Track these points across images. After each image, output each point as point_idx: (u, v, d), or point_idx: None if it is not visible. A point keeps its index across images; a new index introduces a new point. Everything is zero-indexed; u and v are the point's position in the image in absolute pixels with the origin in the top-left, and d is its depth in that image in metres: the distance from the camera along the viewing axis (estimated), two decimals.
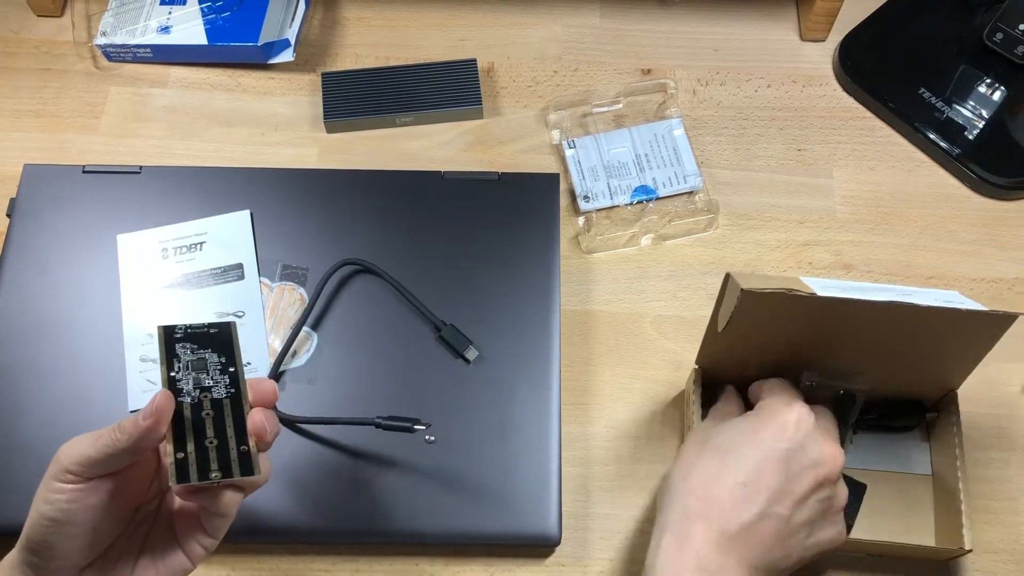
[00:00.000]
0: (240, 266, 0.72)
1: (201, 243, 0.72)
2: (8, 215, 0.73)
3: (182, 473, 0.46)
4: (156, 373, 0.68)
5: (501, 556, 0.66)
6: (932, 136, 0.81)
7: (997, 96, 0.82)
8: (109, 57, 0.85)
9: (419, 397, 0.68)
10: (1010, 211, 0.80)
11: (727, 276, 0.57)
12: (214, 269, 0.72)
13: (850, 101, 0.85)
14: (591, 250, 0.77)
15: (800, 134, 0.83)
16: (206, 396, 0.49)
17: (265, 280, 0.72)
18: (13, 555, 0.48)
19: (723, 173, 0.81)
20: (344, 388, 0.68)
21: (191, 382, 0.50)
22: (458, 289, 0.71)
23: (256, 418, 0.49)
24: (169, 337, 0.51)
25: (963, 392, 0.71)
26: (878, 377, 0.65)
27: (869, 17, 0.87)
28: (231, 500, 0.48)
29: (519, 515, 0.64)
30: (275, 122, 0.83)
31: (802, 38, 0.88)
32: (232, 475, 0.47)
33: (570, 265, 0.76)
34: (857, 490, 0.67)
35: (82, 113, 0.83)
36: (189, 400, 0.49)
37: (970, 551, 0.62)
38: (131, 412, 0.67)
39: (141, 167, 0.75)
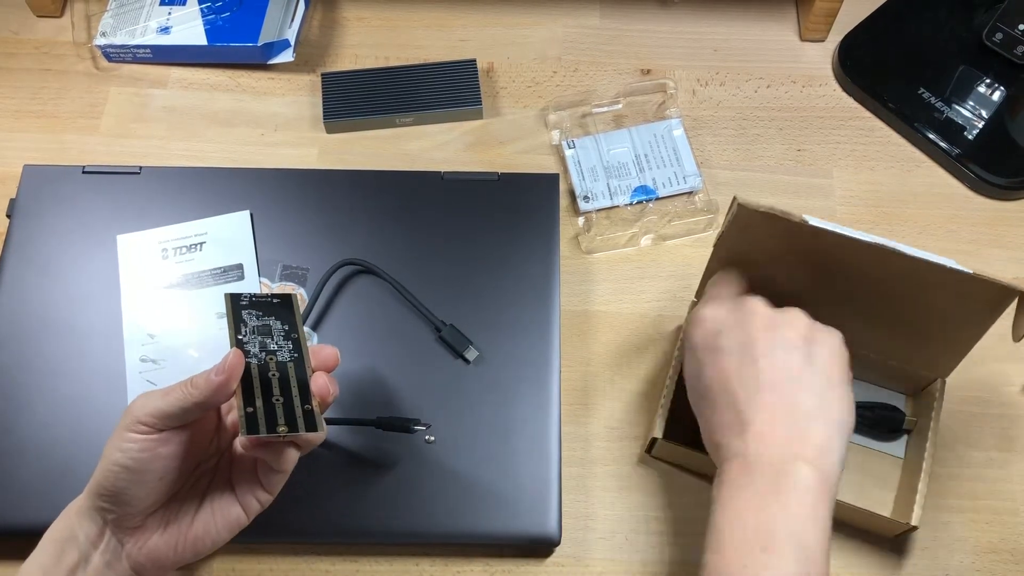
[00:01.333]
0: (240, 266, 0.72)
1: (201, 243, 0.72)
2: (8, 215, 0.73)
3: (252, 425, 0.49)
4: (156, 374, 0.68)
5: (501, 556, 0.66)
6: (932, 136, 0.81)
7: (997, 96, 0.82)
8: (109, 58, 0.85)
9: (419, 397, 0.68)
10: (1010, 211, 0.80)
11: (734, 198, 0.59)
12: (214, 269, 0.72)
13: (850, 101, 0.85)
14: (591, 250, 0.77)
15: (800, 134, 0.83)
16: (271, 359, 0.53)
17: (265, 280, 0.72)
18: (81, 501, 0.52)
19: (723, 173, 0.81)
20: (344, 388, 0.68)
21: (257, 345, 0.53)
22: (458, 289, 0.71)
23: (319, 380, 0.53)
24: (235, 304, 0.55)
25: (963, 393, 0.71)
26: (866, 342, 0.66)
27: (869, 17, 0.87)
28: (291, 456, 0.52)
29: (519, 515, 0.64)
30: (275, 122, 0.83)
31: (802, 38, 0.88)
32: (298, 430, 0.49)
33: (570, 265, 0.76)
34: None
35: (82, 113, 0.83)
36: (256, 361, 0.52)
37: (916, 528, 0.62)
38: None
39: (141, 167, 0.75)
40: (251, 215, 0.73)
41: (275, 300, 0.56)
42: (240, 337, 0.53)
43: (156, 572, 0.53)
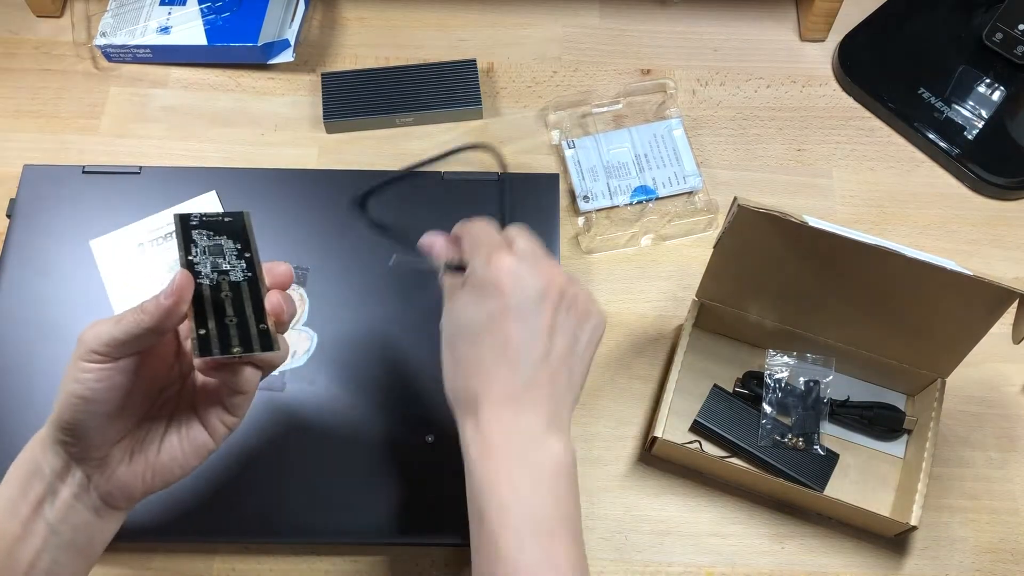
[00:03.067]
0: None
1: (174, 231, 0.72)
2: (8, 215, 0.73)
3: (204, 347, 0.48)
4: None
5: None
6: (932, 136, 0.81)
7: (996, 96, 0.82)
8: (109, 57, 0.85)
9: (419, 397, 0.67)
10: (1010, 211, 0.80)
11: (734, 199, 0.59)
12: None
13: (850, 101, 0.85)
14: (591, 250, 0.77)
15: (800, 134, 0.83)
16: (224, 279, 0.51)
17: None
18: (44, 433, 0.50)
19: (723, 173, 0.81)
20: (344, 388, 0.68)
21: (209, 265, 0.51)
22: None
23: (274, 299, 0.51)
24: (185, 224, 0.53)
25: (963, 393, 0.71)
26: (866, 342, 0.66)
27: (868, 17, 0.87)
28: (251, 376, 0.51)
29: None
30: (275, 122, 0.83)
31: (802, 38, 0.88)
32: (253, 350, 0.48)
33: (570, 265, 0.76)
34: (830, 459, 0.68)
35: (82, 113, 0.83)
36: (208, 282, 0.50)
37: (915, 528, 0.62)
38: None
39: (141, 167, 0.75)
40: (216, 194, 0.73)
41: (226, 219, 0.54)
42: (190, 258, 0.51)
43: (127, 501, 0.52)
